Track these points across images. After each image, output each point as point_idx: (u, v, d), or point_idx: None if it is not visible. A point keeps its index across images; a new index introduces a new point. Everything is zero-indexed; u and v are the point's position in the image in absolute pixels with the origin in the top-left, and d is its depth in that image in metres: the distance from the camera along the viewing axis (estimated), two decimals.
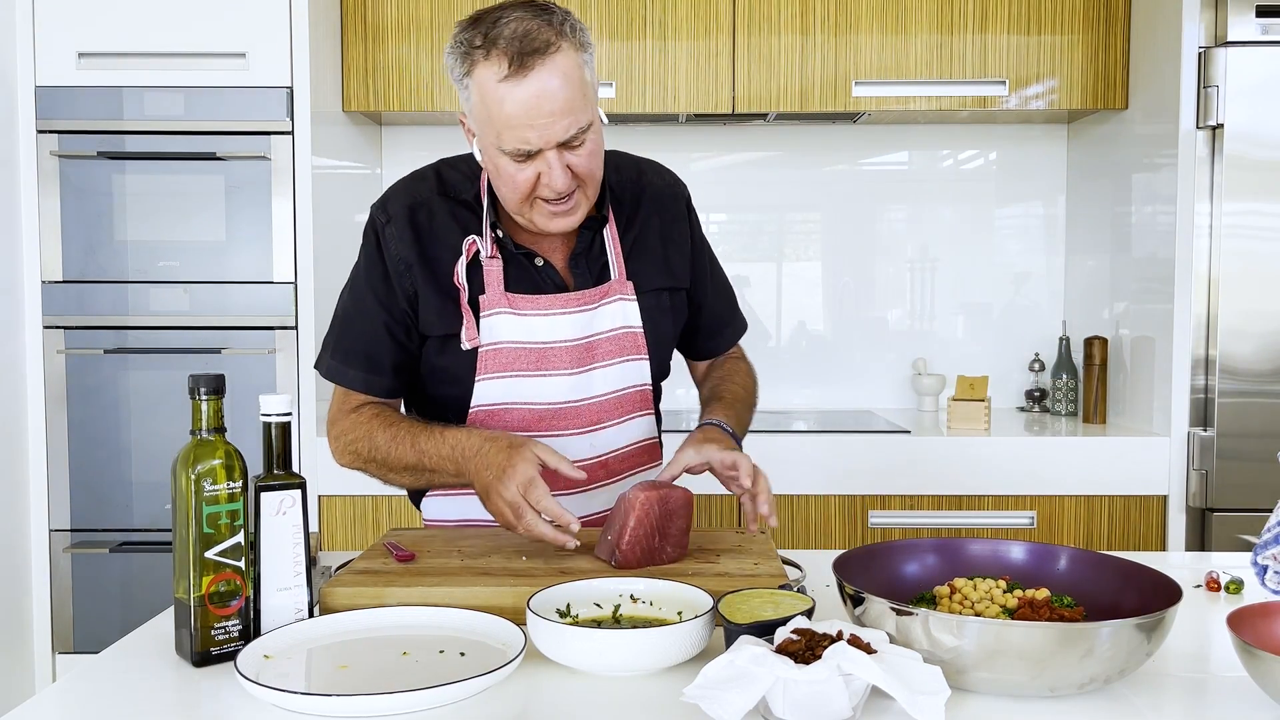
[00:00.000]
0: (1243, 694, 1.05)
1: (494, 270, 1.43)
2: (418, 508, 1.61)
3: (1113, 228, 2.91)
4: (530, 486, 1.28)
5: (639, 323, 1.50)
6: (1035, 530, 2.61)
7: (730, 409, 1.55)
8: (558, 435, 1.48)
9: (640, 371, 1.52)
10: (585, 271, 1.48)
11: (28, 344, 2.62)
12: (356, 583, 1.27)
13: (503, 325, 1.43)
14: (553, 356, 1.46)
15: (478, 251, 1.43)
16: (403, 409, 1.58)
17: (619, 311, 1.49)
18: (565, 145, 1.32)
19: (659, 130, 3.15)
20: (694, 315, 1.62)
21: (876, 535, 2.62)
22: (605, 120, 1.43)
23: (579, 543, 1.33)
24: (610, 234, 1.49)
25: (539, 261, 1.46)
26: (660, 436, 1.64)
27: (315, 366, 1.53)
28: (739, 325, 1.72)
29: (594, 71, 1.36)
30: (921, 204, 3.24)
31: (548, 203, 1.36)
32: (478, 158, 1.40)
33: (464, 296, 1.43)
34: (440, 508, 1.58)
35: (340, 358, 1.48)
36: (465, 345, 1.43)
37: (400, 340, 1.46)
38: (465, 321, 1.43)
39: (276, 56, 2.58)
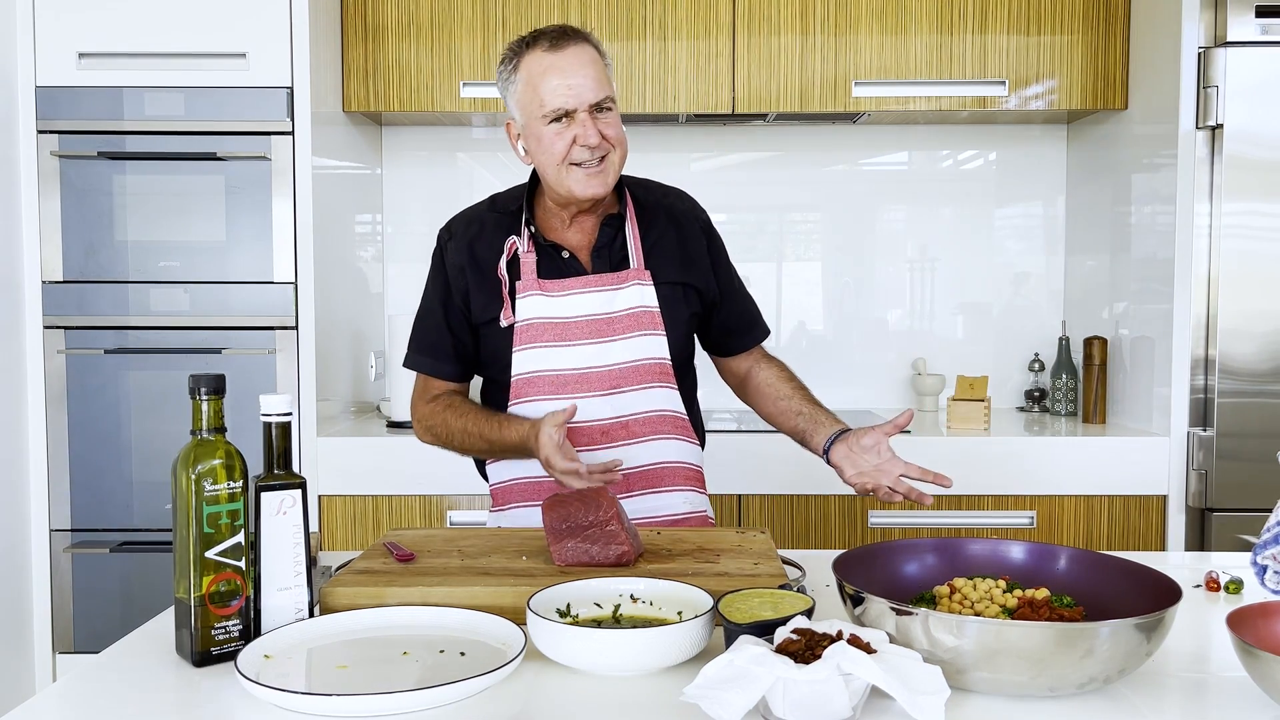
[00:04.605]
0: (1243, 694, 1.05)
1: (529, 262, 1.72)
2: (484, 476, 1.84)
3: (1112, 228, 2.91)
4: (549, 463, 1.57)
5: (656, 303, 1.73)
6: (1035, 530, 2.61)
7: (825, 413, 1.82)
8: (581, 397, 1.70)
9: (658, 345, 1.73)
10: (606, 261, 1.73)
11: (28, 344, 2.62)
12: (356, 583, 1.27)
13: (534, 305, 1.71)
14: (574, 329, 1.71)
15: (517, 250, 1.72)
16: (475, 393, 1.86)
17: (637, 294, 1.72)
18: (596, 109, 1.61)
19: (659, 130, 3.14)
20: (724, 317, 1.85)
21: (876, 535, 2.62)
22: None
23: (586, 470, 1.54)
24: (632, 232, 1.75)
25: (565, 254, 1.73)
26: (700, 430, 1.84)
27: (404, 363, 1.84)
28: (764, 328, 1.94)
29: (613, 78, 1.67)
30: (921, 204, 3.24)
31: (581, 166, 1.62)
32: (520, 155, 1.70)
33: (505, 286, 1.72)
34: (500, 471, 1.79)
35: (414, 349, 1.81)
36: (503, 323, 1.71)
37: (457, 333, 1.77)
38: (504, 305, 1.71)
39: (276, 57, 2.58)
